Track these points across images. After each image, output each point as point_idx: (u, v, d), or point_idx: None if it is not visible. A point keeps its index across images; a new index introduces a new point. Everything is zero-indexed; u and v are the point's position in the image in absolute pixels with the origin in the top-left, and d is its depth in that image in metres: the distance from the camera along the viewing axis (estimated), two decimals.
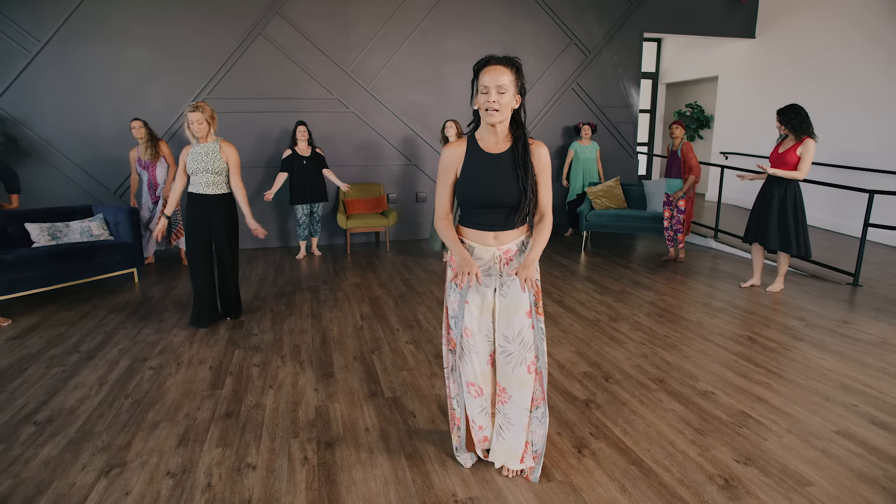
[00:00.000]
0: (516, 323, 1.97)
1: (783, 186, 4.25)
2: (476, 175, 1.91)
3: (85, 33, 5.68)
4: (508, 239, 1.97)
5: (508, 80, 1.80)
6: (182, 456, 2.27)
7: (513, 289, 1.97)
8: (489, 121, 1.85)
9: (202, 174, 3.58)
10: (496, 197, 1.90)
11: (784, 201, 4.26)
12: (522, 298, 1.97)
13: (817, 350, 3.34)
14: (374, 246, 6.62)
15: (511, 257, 1.98)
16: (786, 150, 4.19)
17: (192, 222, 3.66)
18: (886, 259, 5.62)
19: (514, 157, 1.91)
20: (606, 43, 7.16)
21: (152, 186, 5.35)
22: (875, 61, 6.36)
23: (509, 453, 2.08)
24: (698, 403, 2.69)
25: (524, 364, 1.98)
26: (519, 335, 1.97)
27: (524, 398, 2.01)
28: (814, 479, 2.10)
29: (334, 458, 2.25)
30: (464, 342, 2.01)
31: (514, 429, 2.05)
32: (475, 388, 2.06)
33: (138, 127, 5.17)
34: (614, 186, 6.46)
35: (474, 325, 1.99)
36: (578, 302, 4.33)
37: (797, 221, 4.26)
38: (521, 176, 1.89)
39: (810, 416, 2.56)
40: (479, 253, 1.97)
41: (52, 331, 3.76)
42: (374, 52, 6.47)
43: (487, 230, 1.95)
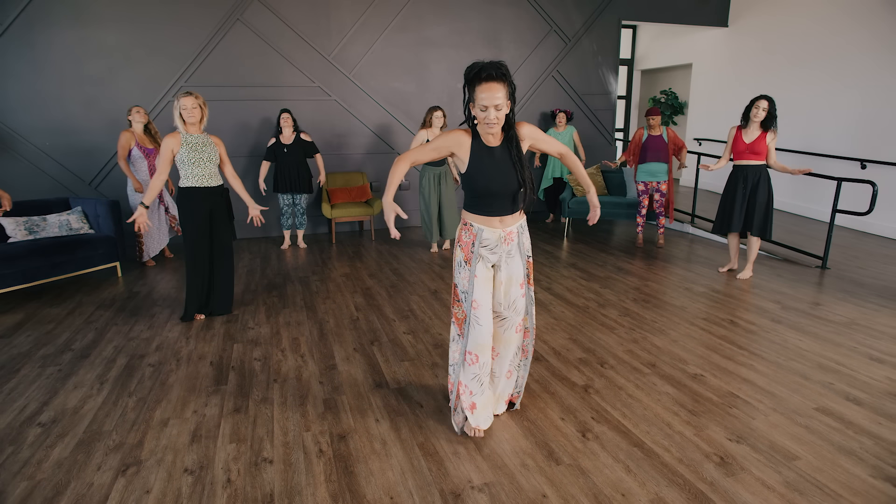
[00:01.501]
0: (512, 293, 2.31)
1: (760, 172, 4.38)
2: (482, 167, 2.16)
3: (51, 16, 5.44)
4: (511, 222, 2.26)
5: (503, 94, 2.02)
6: (197, 452, 2.29)
7: (512, 263, 2.29)
8: (489, 132, 2.12)
9: (205, 164, 3.52)
10: (500, 187, 2.16)
11: (759, 186, 4.38)
12: (518, 271, 2.30)
13: (794, 332, 3.54)
14: (358, 235, 6.62)
15: (513, 238, 2.27)
16: (756, 140, 4.31)
17: (194, 217, 3.57)
18: (851, 242, 5.93)
19: (510, 150, 2.17)
20: (586, 31, 7.24)
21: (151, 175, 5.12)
22: (842, 51, 6.62)
23: (497, 401, 2.50)
24: (690, 386, 2.84)
25: (513, 327, 2.36)
26: (513, 304, 2.33)
27: (509, 354, 2.41)
28: (799, 453, 2.26)
29: (349, 449, 2.31)
30: (472, 314, 2.27)
31: (499, 380, 2.46)
32: (472, 356, 2.32)
33: (143, 112, 5.00)
34: (594, 174, 6.60)
35: (481, 295, 2.26)
36: (567, 289, 4.46)
37: (768, 205, 4.43)
38: (518, 170, 2.16)
39: (792, 395, 2.74)
40: (486, 234, 2.24)
41: (39, 329, 3.68)
42: (355, 40, 6.40)
43: (493, 215, 2.21)
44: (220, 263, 3.77)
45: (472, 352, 2.30)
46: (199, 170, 3.52)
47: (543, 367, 3.07)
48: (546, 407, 2.64)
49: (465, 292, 2.27)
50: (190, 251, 3.65)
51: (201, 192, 3.57)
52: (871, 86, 6.34)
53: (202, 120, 3.52)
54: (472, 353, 2.30)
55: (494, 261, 2.27)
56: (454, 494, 2.03)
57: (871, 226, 6.34)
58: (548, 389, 2.82)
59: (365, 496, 2.02)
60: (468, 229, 2.26)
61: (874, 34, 6.28)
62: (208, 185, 3.58)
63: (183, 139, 3.48)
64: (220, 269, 3.79)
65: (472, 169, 2.16)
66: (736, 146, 4.41)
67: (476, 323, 2.26)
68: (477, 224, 2.24)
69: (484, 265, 2.25)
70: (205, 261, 3.69)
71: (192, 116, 3.44)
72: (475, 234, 2.23)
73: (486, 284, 2.26)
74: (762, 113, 4.26)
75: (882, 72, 6.22)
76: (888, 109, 6.19)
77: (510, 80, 2.04)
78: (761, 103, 4.27)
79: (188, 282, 3.71)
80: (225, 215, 3.71)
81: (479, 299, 2.25)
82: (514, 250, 2.28)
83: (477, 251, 2.24)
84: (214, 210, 3.64)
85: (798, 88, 7.16)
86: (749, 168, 4.40)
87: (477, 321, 2.26)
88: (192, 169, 3.51)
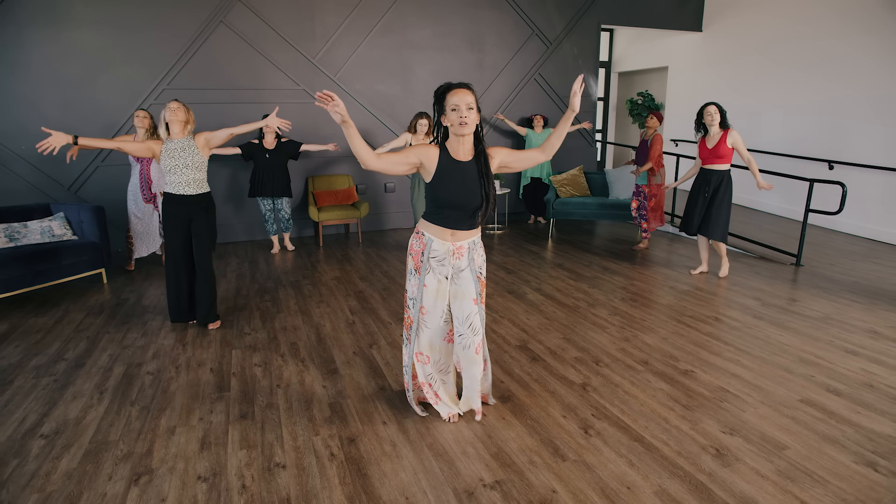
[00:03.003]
0: (465, 308, 2.39)
1: (722, 177, 4.53)
2: (447, 179, 2.26)
3: (24, 14, 5.30)
4: (463, 237, 2.35)
5: (472, 99, 2.20)
6: (208, 460, 2.31)
7: (462, 279, 2.38)
8: (461, 132, 2.22)
9: (182, 171, 3.47)
10: (463, 200, 2.26)
11: (720, 190, 4.52)
12: (469, 288, 2.38)
13: (775, 328, 3.71)
14: (344, 238, 6.62)
15: (462, 253, 2.37)
16: (717, 144, 4.45)
17: (169, 223, 3.55)
18: (822, 241, 6.20)
19: (479, 166, 2.29)
20: (566, 34, 7.38)
21: (146, 183, 4.98)
22: (813, 54, 6.91)
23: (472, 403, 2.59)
24: (682, 382, 2.96)
25: (472, 346, 2.42)
26: (467, 319, 2.39)
27: (475, 370, 2.48)
28: (788, 443, 2.40)
29: (360, 452, 2.36)
30: (420, 318, 2.43)
31: (471, 389, 2.55)
32: (423, 356, 2.50)
33: (142, 117, 4.77)
34: (578, 175, 6.74)
35: (430, 303, 2.40)
36: (556, 289, 4.57)
37: (726, 209, 4.59)
38: (483, 184, 2.28)
39: (778, 388, 2.88)
40: (436, 245, 2.34)
41: (27, 338, 3.61)
42: (339, 43, 6.40)
43: (447, 227, 2.31)
44: (200, 275, 3.68)
45: (423, 352, 2.49)
46: (175, 177, 3.48)
47: (541, 366, 3.16)
48: (547, 405, 2.73)
49: (413, 299, 2.42)
50: (166, 256, 3.66)
51: (177, 199, 3.54)
52: (837, 88, 6.63)
53: (188, 123, 3.49)
54: (422, 353, 2.49)
55: (446, 273, 2.37)
56: (467, 493, 2.10)
57: (840, 224, 6.64)
58: (547, 388, 2.90)
59: (381, 497, 2.07)
60: (419, 238, 2.38)
61: (842, 39, 6.58)
62: (185, 193, 3.53)
63: (164, 145, 3.47)
64: (201, 281, 3.68)
65: (436, 180, 2.26)
66: (701, 152, 4.60)
67: (424, 326, 2.44)
68: (428, 234, 2.35)
69: (434, 277, 2.36)
70: (178, 267, 3.65)
71: (175, 115, 3.41)
72: (425, 244, 2.35)
73: (434, 295, 2.38)
74: (716, 116, 4.42)
75: (847, 75, 6.51)
76: (852, 111, 6.50)
77: (475, 93, 2.23)
78: (709, 109, 4.45)
79: (168, 287, 3.71)
80: (204, 225, 3.62)
81: (427, 306, 2.40)
82: (465, 265, 2.36)
83: (426, 261, 2.35)
84: (194, 219, 3.59)
85: (769, 90, 7.44)
86: (713, 173, 4.55)
87: (425, 324, 2.43)
88: (170, 176, 3.50)
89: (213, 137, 3.56)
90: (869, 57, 6.29)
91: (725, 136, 4.44)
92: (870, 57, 6.28)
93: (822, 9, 6.76)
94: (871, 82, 6.29)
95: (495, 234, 6.71)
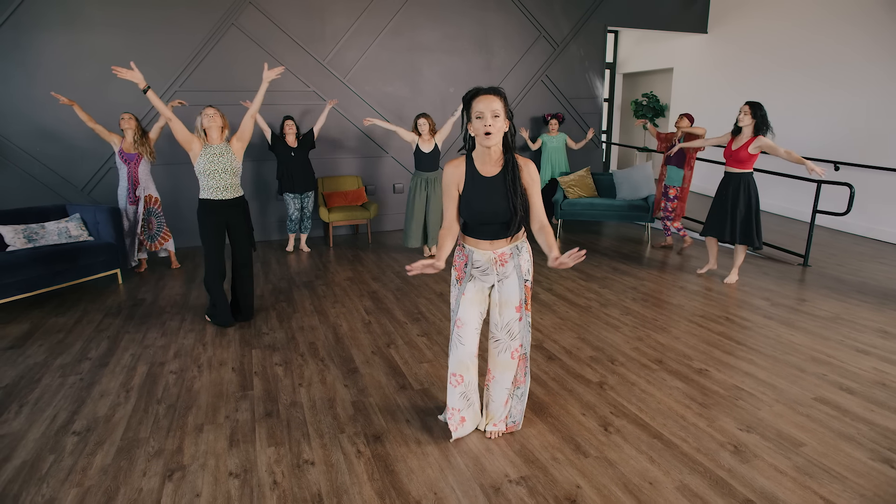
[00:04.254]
0: (506, 315, 2.32)
1: (740, 181, 4.45)
2: (474, 196, 2.20)
3: (41, 20, 5.36)
4: (503, 245, 2.27)
5: (499, 106, 2.09)
6: (238, 456, 2.36)
7: (506, 286, 2.30)
8: (485, 143, 2.12)
9: (220, 176, 3.56)
10: (491, 216, 2.20)
11: (740, 195, 4.44)
12: (513, 295, 2.30)
13: (786, 327, 3.76)
14: (353, 238, 6.68)
15: (506, 259, 2.28)
16: (739, 147, 4.37)
17: (209, 228, 3.62)
18: (829, 241, 6.25)
19: (505, 179, 2.18)
20: (573, 36, 7.44)
21: (132, 184, 5.03)
22: (817, 57, 6.97)
23: (486, 420, 2.50)
24: (696, 380, 3.02)
25: (508, 351, 2.36)
26: (507, 326, 2.33)
27: (506, 379, 2.41)
28: (805, 440, 2.45)
29: (385, 449, 2.41)
30: (456, 333, 2.35)
31: (495, 404, 2.46)
32: (456, 377, 2.39)
33: (128, 119, 4.91)
34: (585, 176, 6.79)
35: (466, 314, 2.32)
36: (567, 290, 4.62)
37: (756, 214, 4.48)
38: (511, 197, 2.17)
39: (791, 387, 2.94)
40: (477, 256, 2.28)
41: (49, 338, 3.67)
42: (349, 45, 6.46)
43: (483, 238, 2.26)
44: (241, 273, 3.82)
45: (456, 373, 2.38)
46: (213, 181, 3.56)
47: (558, 365, 3.22)
48: (566, 404, 2.78)
49: (454, 310, 2.36)
50: (207, 263, 3.69)
51: (216, 205, 3.62)
52: (842, 90, 6.69)
53: (224, 129, 3.57)
54: (455, 374, 2.38)
55: (491, 282, 2.30)
56: (494, 488, 2.15)
57: (846, 225, 6.69)
58: (565, 387, 2.96)
59: (410, 493, 2.13)
60: (461, 250, 2.35)
61: (846, 42, 6.63)
62: (223, 198, 3.62)
63: (203, 148, 3.53)
64: (243, 280, 3.84)
65: (466, 195, 2.22)
66: (725, 151, 4.53)
67: (459, 342, 2.34)
68: (469, 246, 2.30)
69: (474, 286, 2.31)
70: (222, 272, 3.73)
71: (213, 121, 3.51)
72: (467, 255, 2.31)
73: (473, 305, 2.31)
74: (746, 118, 4.31)
75: (853, 77, 6.57)
76: (857, 113, 6.55)
77: (506, 97, 2.13)
78: (743, 107, 4.34)
79: (210, 294, 3.75)
80: (243, 227, 3.75)
81: (463, 318, 2.32)
82: (511, 271, 2.27)
83: (469, 272, 2.31)
84: (231, 222, 3.68)
85: (774, 92, 7.49)
86: (731, 175, 4.48)
87: (459, 340, 2.34)
88: (208, 180, 3.56)
89: (242, 132, 3.65)
90: (873, 61, 6.35)
91: (751, 142, 4.32)
92: (874, 61, 6.33)
93: (826, 12, 6.82)
94: (875, 85, 6.34)
95: None
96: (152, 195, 5.12)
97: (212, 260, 3.68)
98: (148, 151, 5.02)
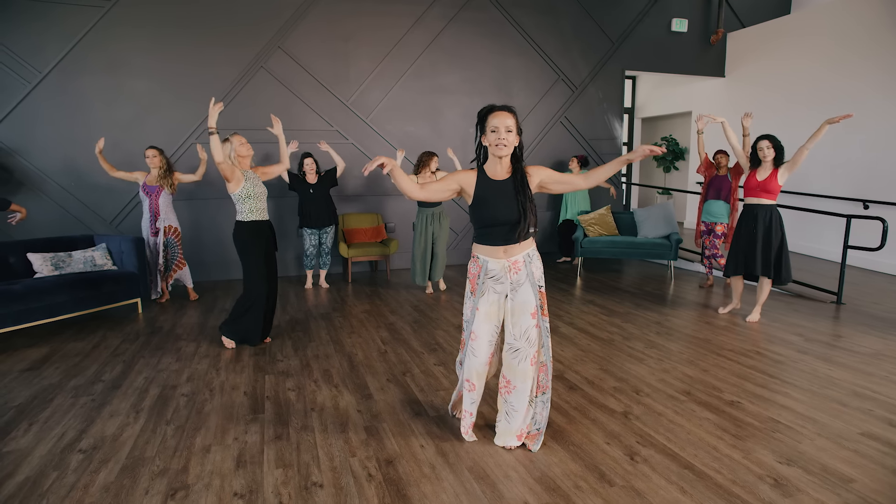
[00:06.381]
0: (523, 322, 2.35)
1: (770, 213, 4.31)
2: (485, 198, 2.33)
3: (86, 64, 5.68)
4: (516, 252, 2.36)
5: (512, 122, 2.28)
6: (244, 477, 2.26)
7: (520, 293, 2.35)
8: (498, 154, 2.29)
9: (261, 198, 3.71)
10: (501, 215, 2.31)
11: (772, 226, 4.29)
12: (528, 301, 2.35)
13: (822, 362, 3.56)
14: (372, 275, 6.66)
15: (519, 268, 2.35)
16: (768, 178, 4.26)
17: (260, 248, 3.70)
18: (861, 280, 6.02)
19: (515, 184, 2.33)
20: (591, 79, 7.58)
21: (153, 215, 5.15)
22: (834, 95, 6.94)
23: (510, 435, 2.46)
24: (728, 412, 2.84)
25: (528, 358, 2.37)
26: (525, 333, 2.36)
27: (526, 388, 2.39)
28: (854, 476, 2.25)
29: (398, 473, 2.29)
30: (469, 344, 2.42)
31: (517, 414, 2.42)
32: (470, 384, 2.46)
33: (152, 156, 5.07)
34: (605, 214, 6.74)
35: (480, 328, 2.38)
36: (589, 324, 4.49)
37: (782, 247, 4.32)
38: (520, 199, 2.30)
39: (834, 420, 2.74)
40: (491, 265, 2.36)
41: (66, 361, 3.66)
42: (372, 86, 6.67)
43: (497, 245, 2.34)
44: (275, 293, 3.93)
45: (470, 380, 2.45)
46: (258, 203, 3.69)
47: (579, 395, 3.07)
48: (589, 432, 2.63)
49: (468, 321, 2.43)
50: (257, 283, 3.72)
51: (263, 225, 3.74)
52: (862, 127, 6.61)
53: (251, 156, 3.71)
54: (469, 381, 2.45)
55: (505, 291, 2.36)
56: None
57: (879, 264, 6.45)
58: (587, 416, 2.81)
59: None
60: (475, 261, 2.43)
61: (863, 77, 6.61)
62: (264, 219, 3.76)
63: (244, 174, 3.64)
64: (274, 300, 3.95)
65: (476, 200, 2.34)
66: (748, 183, 4.38)
67: (472, 354, 2.41)
68: (482, 256, 2.38)
69: (488, 299, 2.36)
70: (267, 292, 3.79)
71: (247, 149, 3.66)
72: (481, 265, 2.38)
73: (488, 320, 2.37)
74: (769, 152, 4.25)
75: (872, 113, 6.50)
76: (881, 151, 6.44)
77: (517, 115, 2.31)
78: (762, 143, 4.28)
79: (250, 312, 3.78)
80: (273, 248, 3.85)
81: (477, 331, 2.38)
82: (524, 279, 2.35)
83: (482, 282, 2.37)
84: (268, 243, 3.78)
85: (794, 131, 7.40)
86: (759, 207, 4.31)
87: (473, 352, 2.41)
88: (254, 203, 3.66)
89: (269, 173, 3.93)
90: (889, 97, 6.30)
91: (776, 172, 4.24)
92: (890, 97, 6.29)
93: (842, 51, 6.85)
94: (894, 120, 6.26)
95: None
96: (171, 225, 5.20)
97: (262, 279, 3.73)
98: (169, 184, 5.14)
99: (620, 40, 7.63)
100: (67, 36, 5.60)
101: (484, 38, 7.03)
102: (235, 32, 6.09)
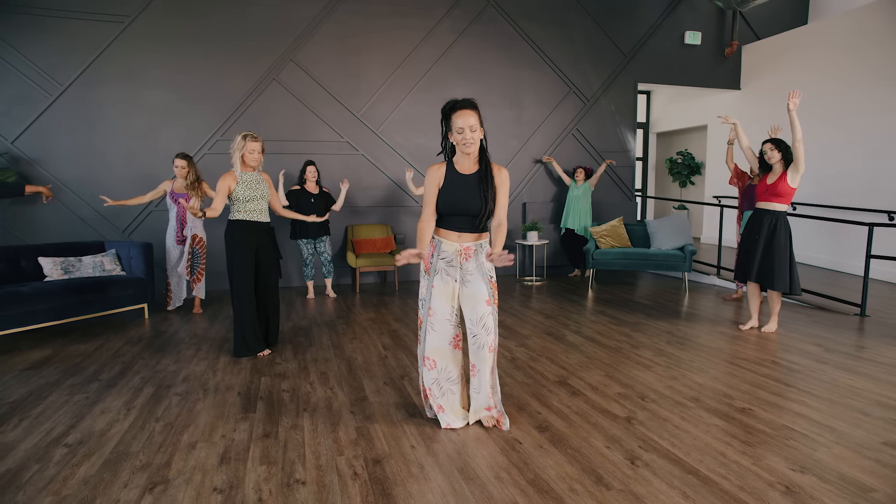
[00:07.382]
0: (479, 309, 2.46)
1: (777, 218, 4.15)
2: (451, 189, 2.44)
3: (105, 77, 5.84)
4: (469, 239, 2.49)
5: (475, 120, 2.34)
6: (226, 473, 2.19)
7: (472, 281, 2.47)
8: (466, 152, 2.39)
9: (258, 201, 3.64)
10: (463, 206, 2.43)
11: (777, 232, 4.12)
12: (481, 289, 2.46)
13: (843, 371, 3.37)
14: (380, 286, 6.62)
15: (470, 254, 2.49)
16: (776, 181, 4.12)
17: (243, 250, 3.59)
18: (885, 293, 5.77)
19: (479, 176, 2.44)
20: (603, 92, 7.54)
21: (180, 223, 5.07)
22: (851, 106, 6.78)
23: (481, 411, 2.59)
24: (739, 419, 2.68)
25: (486, 346, 2.48)
26: (481, 320, 2.46)
27: (486, 371, 2.52)
28: (875, 485, 2.09)
29: (385, 472, 2.19)
30: (427, 320, 2.51)
31: (481, 394, 2.56)
32: (430, 360, 2.54)
33: (181, 167, 4.88)
34: (617, 226, 6.62)
35: (437, 304, 2.49)
36: (597, 332, 4.35)
37: (787, 255, 4.13)
38: (482, 189, 2.42)
39: (854, 430, 2.57)
40: (444, 247, 2.49)
41: (67, 362, 3.66)
42: (383, 99, 6.72)
43: (453, 230, 2.48)
44: (267, 299, 3.77)
45: (430, 357, 2.53)
46: (251, 205, 3.63)
47: (581, 400, 2.94)
48: (589, 436, 2.50)
49: (423, 299, 2.54)
50: (237, 286, 3.61)
51: (250, 226, 3.64)
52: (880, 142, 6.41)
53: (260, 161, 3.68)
54: (429, 358, 2.53)
55: (456, 276, 2.48)
56: None
57: None
58: (589, 420, 2.68)
59: None
60: (431, 243, 2.53)
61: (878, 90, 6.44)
62: (257, 220, 3.67)
63: (239, 178, 3.61)
64: (269, 305, 3.79)
65: (444, 189, 2.45)
66: (758, 188, 4.26)
67: (431, 328, 2.51)
68: (437, 237, 2.51)
69: (442, 279, 2.48)
70: (251, 295, 3.66)
71: (256, 160, 3.63)
72: (435, 246, 2.51)
73: (444, 298, 2.48)
74: (773, 153, 4.14)
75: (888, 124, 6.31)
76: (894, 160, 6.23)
77: (478, 108, 2.36)
78: (765, 146, 4.18)
79: (238, 317, 3.66)
80: (270, 253, 3.77)
81: (435, 307, 2.49)
82: (474, 269, 2.47)
83: (436, 263, 2.49)
84: (260, 247, 3.69)
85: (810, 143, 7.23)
86: (766, 212, 4.17)
87: (432, 327, 2.51)
88: (246, 205, 3.61)
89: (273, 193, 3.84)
90: None
91: (785, 175, 4.09)
92: None
93: (856, 64, 6.71)
94: None
95: (533, 286, 6.56)
96: (198, 234, 5.07)
97: (245, 278, 3.60)
98: (197, 195, 4.95)
99: (633, 53, 7.59)
100: (89, 49, 5.77)
101: (495, 51, 7.06)
102: (248, 46, 6.21)
